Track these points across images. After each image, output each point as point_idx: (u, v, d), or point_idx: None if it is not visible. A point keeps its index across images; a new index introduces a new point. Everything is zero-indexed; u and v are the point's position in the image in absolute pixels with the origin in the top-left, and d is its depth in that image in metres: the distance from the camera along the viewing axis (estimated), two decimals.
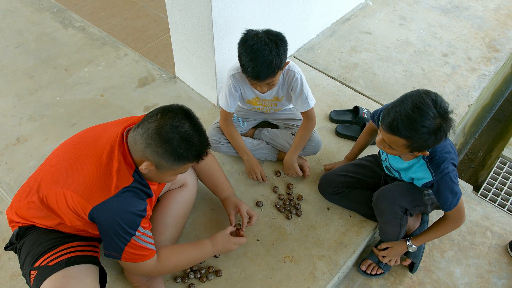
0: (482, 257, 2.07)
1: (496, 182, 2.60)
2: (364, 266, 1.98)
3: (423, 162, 1.66)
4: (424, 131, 1.45)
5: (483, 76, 2.92)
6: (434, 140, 1.49)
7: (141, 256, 1.52)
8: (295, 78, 2.01)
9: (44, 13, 3.37)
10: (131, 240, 1.46)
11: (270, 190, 2.19)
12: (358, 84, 2.81)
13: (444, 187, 1.64)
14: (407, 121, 1.45)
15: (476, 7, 3.54)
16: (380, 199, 1.82)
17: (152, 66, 2.92)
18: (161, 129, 1.38)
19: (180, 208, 1.90)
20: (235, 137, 2.18)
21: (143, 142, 1.40)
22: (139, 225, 1.47)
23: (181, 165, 1.46)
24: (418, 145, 1.51)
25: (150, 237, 1.54)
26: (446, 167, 1.62)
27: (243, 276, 1.87)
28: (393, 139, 1.53)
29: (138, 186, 1.48)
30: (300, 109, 2.10)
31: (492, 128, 3.38)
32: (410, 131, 1.46)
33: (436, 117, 1.44)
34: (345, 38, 3.19)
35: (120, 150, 1.46)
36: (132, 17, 3.35)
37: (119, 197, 1.42)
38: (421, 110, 1.44)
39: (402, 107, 1.47)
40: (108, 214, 1.41)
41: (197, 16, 2.22)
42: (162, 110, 1.43)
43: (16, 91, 2.73)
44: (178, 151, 1.39)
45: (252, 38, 1.78)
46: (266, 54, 1.75)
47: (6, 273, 1.87)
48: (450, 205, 1.67)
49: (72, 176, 1.46)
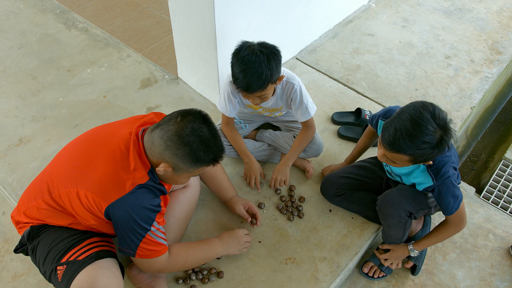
0: (484, 260, 2.06)
1: (498, 184, 2.59)
2: (366, 269, 1.98)
3: (423, 167, 1.67)
4: (427, 146, 1.45)
5: (486, 78, 2.91)
6: (438, 152, 1.49)
7: (155, 252, 1.53)
8: (294, 89, 2.00)
9: (47, 14, 3.38)
10: (146, 235, 1.48)
11: (272, 192, 2.19)
12: (361, 86, 2.81)
13: (445, 191, 1.64)
14: (408, 138, 1.44)
15: (479, 9, 3.53)
16: (385, 203, 1.82)
17: (154, 67, 2.92)
18: (182, 132, 1.41)
19: (182, 209, 1.90)
20: (237, 140, 2.18)
21: (163, 144, 1.43)
22: (154, 219, 1.49)
23: (198, 168, 1.49)
24: (422, 158, 1.52)
25: (163, 233, 1.55)
26: (447, 171, 1.62)
27: (245, 277, 1.87)
28: (396, 156, 1.53)
29: (152, 184, 1.49)
30: (300, 119, 2.10)
31: (495, 130, 3.37)
32: (412, 149, 1.46)
33: (437, 130, 1.44)
34: (348, 40, 3.19)
35: (136, 149, 1.48)
36: (135, 19, 3.36)
37: (134, 193, 1.44)
38: (421, 126, 1.43)
39: (401, 123, 1.46)
40: (124, 210, 1.44)
41: (199, 18, 2.22)
42: (182, 114, 1.46)
43: (19, 92, 2.73)
44: (197, 154, 1.43)
45: (245, 50, 1.77)
46: (256, 67, 1.74)
47: (8, 273, 1.88)
48: (451, 209, 1.66)
49: (85, 175, 1.47)
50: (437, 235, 1.82)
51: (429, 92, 2.78)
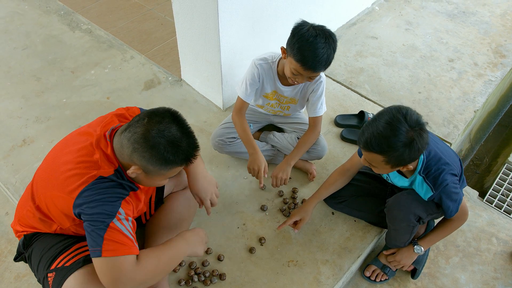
0: (487, 264, 2.05)
1: (502, 188, 2.58)
2: (368, 272, 1.98)
3: (420, 178, 1.68)
4: (398, 145, 1.49)
5: (490, 82, 2.91)
6: (409, 153, 1.51)
7: (122, 246, 1.38)
8: (320, 80, 2.04)
9: (51, 16, 3.39)
10: (111, 224, 1.37)
11: (275, 194, 2.19)
12: (364, 89, 2.81)
13: (445, 198, 1.68)
14: (379, 138, 1.51)
15: (482, 12, 3.53)
16: (395, 206, 1.81)
17: (158, 69, 2.93)
18: (148, 134, 1.36)
19: (184, 209, 1.90)
20: (244, 128, 2.12)
21: (130, 147, 1.39)
22: (119, 207, 1.40)
23: (169, 169, 1.44)
24: (396, 159, 1.54)
25: (132, 229, 1.43)
26: (445, 179, 1.64)
27: (247, 280, 1.87)
28: (371, 157, 1.59)
29: (117, 179, 1.44)
30: (312, 113, 2.10)
31: (498, 134, 3.36)
32: (383, 147, 1.51)
33: (408, 131, 1.48)
34: (351, 42, 3.19)
35: (102, 147, 1.45)
36: (138, 20, 3.37)
37: (96, 184, 1.40)
38: (392, 126, 1.49)
39: (375, 125, 1.53)
40: (86, 201, 1.38)
41: (203, 20, 2.22)
42: (149, 114, 1.41)
43: (23, 92, 2.74)
44: (165, 155, 1.38)
45: (308, 30, 1.79)
46: (326, 47, 1.78)
47: (11, 274, 1.88)
48: (451, 213, 1.74)
49: (55, 176, 1.46)
50: (442, 230, 1.86)
51: (432, 95, 2.78)
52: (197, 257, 1.93)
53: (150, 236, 1.84)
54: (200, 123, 2.55)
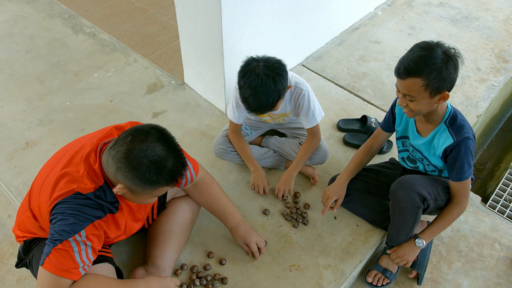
0: (490, 269, 2.05)
1: (504, 193, 2.57)
2: (370, 278, 1.96)
3: (445, 127, 1.70)
4: (437, 61, 1.53)
5: (492, 87, 2.91)
6: (447, 72, 1.54)
7: (63, 266, 1.35)
8: (303, 94, 2.02)
9: (55, 19, 3.41)
10: (65, 241, 1.34)
11: (277, 199, 2.19)
12: (367, 93, 2.81)
13: (463, 152, 1.67)
14: (418, 59, 1.55)
15: (485, 17, 3.53)
16: (399, 186, 1.80)
17: (161, 72, 2.93)
18: (130, 154, 1.31)
19: (186, 215, 1.90)
20: (243, 148, 2.19)
21: (114, 165, 1.35)
22: (82, 229, 1.37)
23: (154, 189, 1.39)
24: (435, 80, 1.55)
25: (87, 257, 1.40)
26: (468, 132, 1.67)
27: (249, 284, 1.86)
28: (409, 84, 1.58)
29: (96, 198, 1.41)
30: (306, 125, 2.10)
31: (501, 139, 3.36)
32: (421, 66, 1.54)
33: (443, 51, 1.55)
34: (354, 47, 3.19)
35: (91, 161, 1.43)
36: (142, 24, 3.38)
37: (73, 199, 1.38)
38: (427, 49, 1.56)
39: (411, 53, 1.59)
40: (57, 212, 1.38)
41: (206, 24, 2.23)
42: (133, 132, 1.36)
43: (26, 95, 2.75)
44: (147, 176, 1.32)
45: (251, 73, 1.76)
46: (263, 91, 1.75)
47: (13, 276, 1.88)
48: (463, 174, 1.71)
49: (45, 186, 1.46)
50: (441, 219, 1.84)
51: None
52: (199, 261, 1.93)
53: (151, 241, 1.84)
54: (202, 126, 2.55)
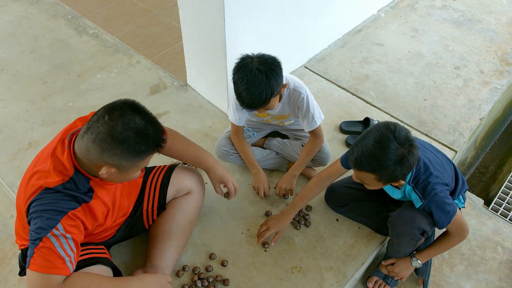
0: (492, 273, 2.04)
1: (507, 196, 2.57)
2: (371, 284, 1.96)
3: (410, 187, 1.68)
4: (389, 163, 1.48)
5: (495, 90, 2.90)
6: (401, 170, 1.51)
7: (49, 263, 1.35)
8: (301, 98, 2.02)
9: (58, 20, 3.42)
10: (44, 238, 1.34)
11: (279, 200, 2.19)
12: (369, 96, 2.81)
13: (434, 207, 1.66)
14: (370, 157, 1.50)
15: (489, 20, 3.53)
16: (399, 222, 1.78)
17: (164, 73, 2.94)
18: (113, 131, 1.33)
19: (185, 215, 1.89)
20: (245, 150, 2.19)
21: (97, 148, 1.35)
22: (57, 222, 1.36)
23: (143, 160, 1.42)
24: (387, 177, 1.54)
25: (70, 248, 1.39)
26: (434, 189, 1.63)
27: (251, 286, 1.86)
28: (362, 175, 1.59)
29: (65, 190, 1.41)
30: (306, 128, 2.10)
31: (504, 141, 3.35)
32: (374, 166, 1.51)
33: (398, 148, 1.48)
34: (357, 49, 3.19)
35: (57, 154, 1.44)
36: (145, 25, 3.38)
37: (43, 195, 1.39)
38: (382, 144, 1.48)
39: (364, 144, 1.52)
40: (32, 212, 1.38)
41: (210, 25, 2.23)
42: (108, 111, 1.37)
43: (29, 96, 2.76)
44: (137, 147, 1.36)
45: (244, 68, 1.77)
46: (256, 86, 1.75)
47: (15, 276, 1.89)
48: (442, 224, 1.68)
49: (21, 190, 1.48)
50: (440, 245, 1.82)
51: (438, 103, 2.77)
52: (201, 262, 1.93)
53: (150, 242, 1.85)
54: (205, 128, 2.55)
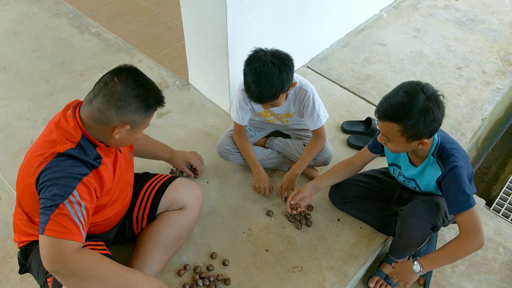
0: (494, 273, 2.04)
1: (509, 197, 2.57)
2: (372, 284, 1.95)
3: (433, 159, 1.66)
4: (414, 112, 1.49)
5: (498, 90, 2.90)
6: (425, 122, 1.50)
7: (65, 229, 1.34)
8: (307, 96, 2.02)
9: (61, 19, 3.42)
10: (60, 205, 1.34)
11: (280, 199, 2.19)
12: (371, 95, 2.81)
13: (452, 183, 1.58)
14: (397, 105, 1.52)
15: (491, 20, 3.52)
16: (411, 216, 1.76)
17: (166, 73, 2.94)
18: (127, 88, 1.44)
19: (174, 230, 1.85)
20: (247, 150, 2.19)
21: (113, 107, 1.43)
22: (74, 188, 1.38)
23: (150, 115, 1.54)
24: (412, 129, 1.52)
25: (84, 216, 1.40)
26: (456, 160, 1.59)
27: (252, 285, 1.86)
28: (387, 127, 1.57)
29: (77, 154, 1.43)
30: (311, 127, 2.10)
31: (506, 142, 3.34)
32: (399, 114, 1.52)
33: (425, 100, 1.50)
34: (359, 49, 3.19)
35: (61, 125, 1.47)
36: (147, 24, 3.39)
37: (55, 162, 1.40)
38: (410, 95, 1.51)
39: (393, 95, 1.55)
40: (44, 180, 1.38)
41: (212, 25, 2.23)
42: (116, 73, 1.47)
43: (32, 94, 2.76)
44: (148, 101, 1.48)
45: (257, 60, 1.77)
46: (268, 78, 1.75)
47: (16, 275, 1.88)
48: (461, 204, 1.55)
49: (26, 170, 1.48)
50: (446, 251, 1.63)
51: None
52: (202, 262, 1.93)
53: (134, 250, 1.83)
54: (207, 127, 2.55)
